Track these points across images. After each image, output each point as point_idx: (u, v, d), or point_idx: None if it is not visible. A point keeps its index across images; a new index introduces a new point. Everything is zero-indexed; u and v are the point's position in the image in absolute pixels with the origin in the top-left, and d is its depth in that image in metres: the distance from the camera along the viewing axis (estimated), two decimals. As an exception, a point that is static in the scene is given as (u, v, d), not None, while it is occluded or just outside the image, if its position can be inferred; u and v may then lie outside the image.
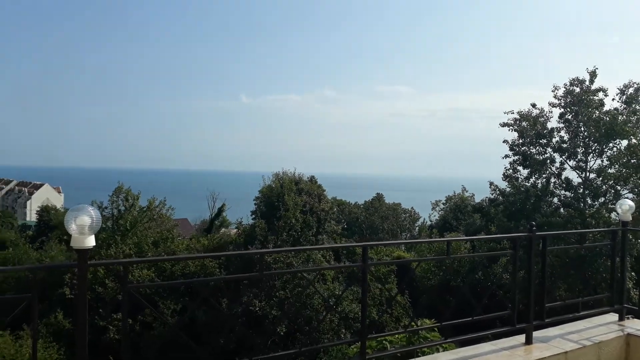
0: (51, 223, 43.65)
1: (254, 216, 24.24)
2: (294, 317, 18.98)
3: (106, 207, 26.78)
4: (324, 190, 26.94)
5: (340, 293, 19.16)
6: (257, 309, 18.56)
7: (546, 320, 4.98)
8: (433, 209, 47.40)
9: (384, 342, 8.00)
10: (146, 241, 24.13)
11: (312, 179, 27.05)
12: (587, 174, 23.78)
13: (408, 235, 47.58)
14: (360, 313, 4.66)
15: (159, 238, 24.78)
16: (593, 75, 23.58)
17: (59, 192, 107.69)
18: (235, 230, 27.15)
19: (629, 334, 5.10)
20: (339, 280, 21.81)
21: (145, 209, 27.04)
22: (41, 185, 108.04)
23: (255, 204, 24.81)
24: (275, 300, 19.09)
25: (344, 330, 18.69)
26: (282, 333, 18.18)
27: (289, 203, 22.92)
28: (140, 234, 25.18)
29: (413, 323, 5.12)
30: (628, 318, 5.56)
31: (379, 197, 48.71)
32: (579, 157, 23.84)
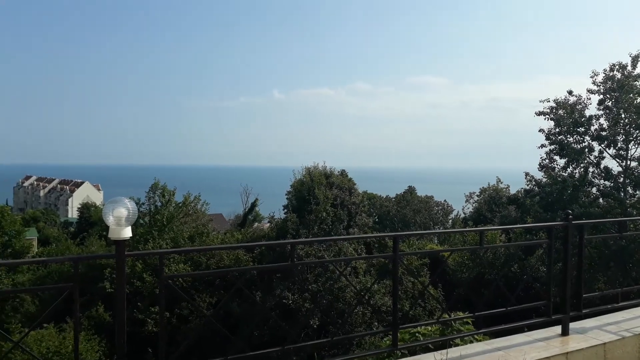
0: (91, 219, 45.15)
1: (285, 210, 24.43)
2: (327, 309, 19.09)
3: (143, 203, 27.46)
4: (355, 184, 26.88)
5: (370, 286, 19.14)
6: (290, 301, 18.76)
7: (583, 312, 4.86)
8: (467, 201, 46.55)
9: (416, 334, 7.99)
10: (182, 236, 24.67)
11: (342, 173, 27.02)
12: (628, 162, 22.91)
13: (441, 228, 46.96)
14: (392, 305, 4.66)
15: (195, 233, 25.31)
16: (636, 59, 22.66)
17: (99, 189, 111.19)
18: (268, 224, 27.43)
19: (671, 325, 4.93)
20: (370, 274, 21.78)
21: (180, 204, 27.61)
22: (82, 183, 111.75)
23: (287, 198, 24.99)
24: (308, 294, 19.25)
25: (376, 323, 18.68)
26: (315, 326, 18.33)
27: (319, 197, 22.99)
28: (176, 229, 25.74)
29: (445, 315, 5.09)
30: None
31: (410, 190, 48.22)
32: (619, 145, 22.98)
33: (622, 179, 22.96)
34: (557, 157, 24.18)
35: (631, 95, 22.40)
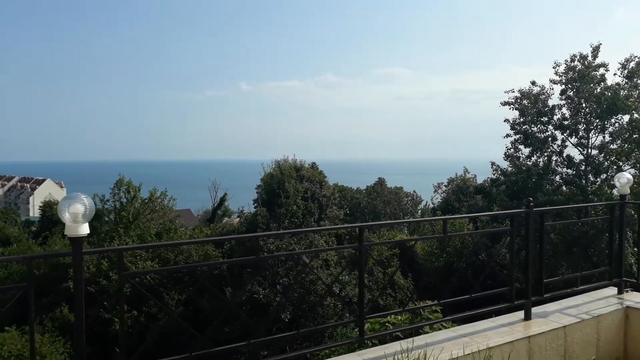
0: (54, 218, 43.79)
1: (255, 204, 24.26)
2: (298, 303, 19.09)
3: (108, 200, 26.81)
4: (325, 177, 26.91)
5: (341, 278, 19.21)
6: (261, 296, 18.67)
7: (545, 296, 4.97)
8: (435, 191, 47.30)
9: (387, 324, 8.07)
10: (149, 233, 24.22)
11: (313, 165, 27.01)
12: (589, 150, 23.65)
13: (410, 218, 47.55)
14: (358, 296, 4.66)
15: (162, 229, 24.87)
16: (596, 50, 23.31)
17: (61, 186, 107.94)
18: (238, 219, 27.20)
19: (627, 307, 5.09)
20: (341, 266, 21.88)
21: (147, 200, 27.06)
22: (43, 180, 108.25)
23: (257, 192, 24.82)
24: (280, 288, 19.20)
25: (347, 315, 18.80)
26: (286, 320, 18.30)
27: (290, 190, 22.92)
28: (143, 225, 25.24)
29: (413, 303, 5.13)
30: (627, 291, 5.55)
31: (380, 182, 48.60)
32: (580, 134, 23.68)
33: (583, 167, 23.70)
34: (521, 147, 24.77)
35: (591, 85, 23.08)
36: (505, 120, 24.90)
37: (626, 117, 22.81)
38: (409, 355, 3.76)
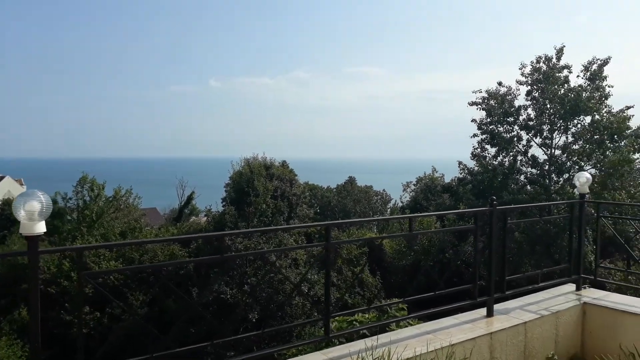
0: (12, 217, 42.26)
1: (224, 203, 23.97)
2: (266, 303, 18.96)
3: (70, 198, 26.02)
4: (296, 175, 26.81)
5: (310, 277, 19.18)
6: (229, 296, 18.45)
7: (507, 293, 5.04)
8: (404, 190, 47.84)
9: (354, 322, 8.07)
10: (113, 232, 23.61)
11: (283, 164, 26.86)
12: (553, 150, 24.25)
13: (379, 217, 47.93)
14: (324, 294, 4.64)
15: (127, 228, 24.27)
16: (560, 52, 23.90)
17: (21, 184, 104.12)
18: (205, 218, 26.82)
19: (585, 303, 5.21)
20: (311, 265, 21.85)
21: (111, 198, 26.41)
22: (2, 177, 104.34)
23: (225, 190, 24.53)
24: (247, 287, 19.02)
25: (316, 314, 18.79)
26: (254, 320, 18.15)
27: (259, 188, 22.73)
28: (107, 224, 24.62)
29: (378, 301, 5.13)
30: (585, 287, 5.70)
31: (351, 181, 48.79)
32: (544, 134, 24.23)
33: (547, 167, 24.32)
34: (488, 146, 25.23)
35: (555, 86, 23.66)
36: (472, 120, 25.32)
37: (588, 119, 23.47)
38: (373, 353, 3.75)
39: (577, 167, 23.61)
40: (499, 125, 24.84)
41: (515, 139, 24.55)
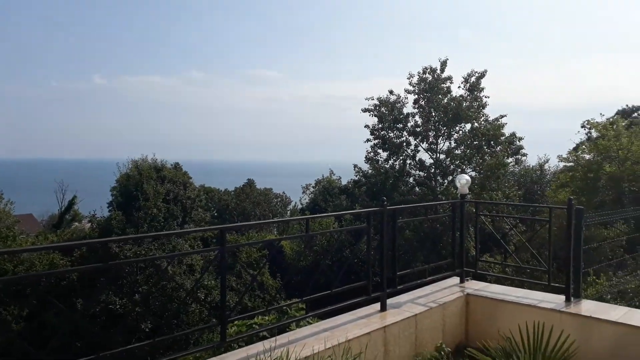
0: None
1: (110, 208, 22.47)
2: (160, 311, 18.06)
3: None
4: (190, 178, 25.92)
5: (207, 282, 18.65)
6: (118, 306, 17.29)
7: (399, 287, 5.28)
8: (304, 192, 48.53)
9: (254, 325, 7.95)
10: (-19, 241, 21.02)
11: (176, 166, 25.84)
12: (438, 155, 26.09)
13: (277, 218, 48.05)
14: (220, 299, 4.50)
15: (-2, 237, 21.74)
16: (444, 64, 25.78)
17: None
18: (89, 224, 24.92)
19: (468, 294, 5.62)
20: (206, 270, 21.25)
21: (-22, 204, 23.52)
22: None
23: (111, 194, 23.00)
24: (138, 297, 17.96)
25: (214, 320, 18.28)
26: (147, 329, 17.20)
27: (149, 192, 21.61)
28: (-27, 233, 21.84)
29: (276, 303, 5.09)
30: (468, 280, 6.15)
31: (250, 183, 48.37)
32: (430, 140, 26.01)
33: (433, 170, 26.10)
34: (380, 151, 26.51)
35: (439, 95, 25.53)
36: (365, 126, 26.42)
37: (468, 126, 25.64)
38: (271, 354, 3.71)
39: (459, 170, 25.61)
40: (389, 131, 26.19)
41: (405, 144, 26.05)
